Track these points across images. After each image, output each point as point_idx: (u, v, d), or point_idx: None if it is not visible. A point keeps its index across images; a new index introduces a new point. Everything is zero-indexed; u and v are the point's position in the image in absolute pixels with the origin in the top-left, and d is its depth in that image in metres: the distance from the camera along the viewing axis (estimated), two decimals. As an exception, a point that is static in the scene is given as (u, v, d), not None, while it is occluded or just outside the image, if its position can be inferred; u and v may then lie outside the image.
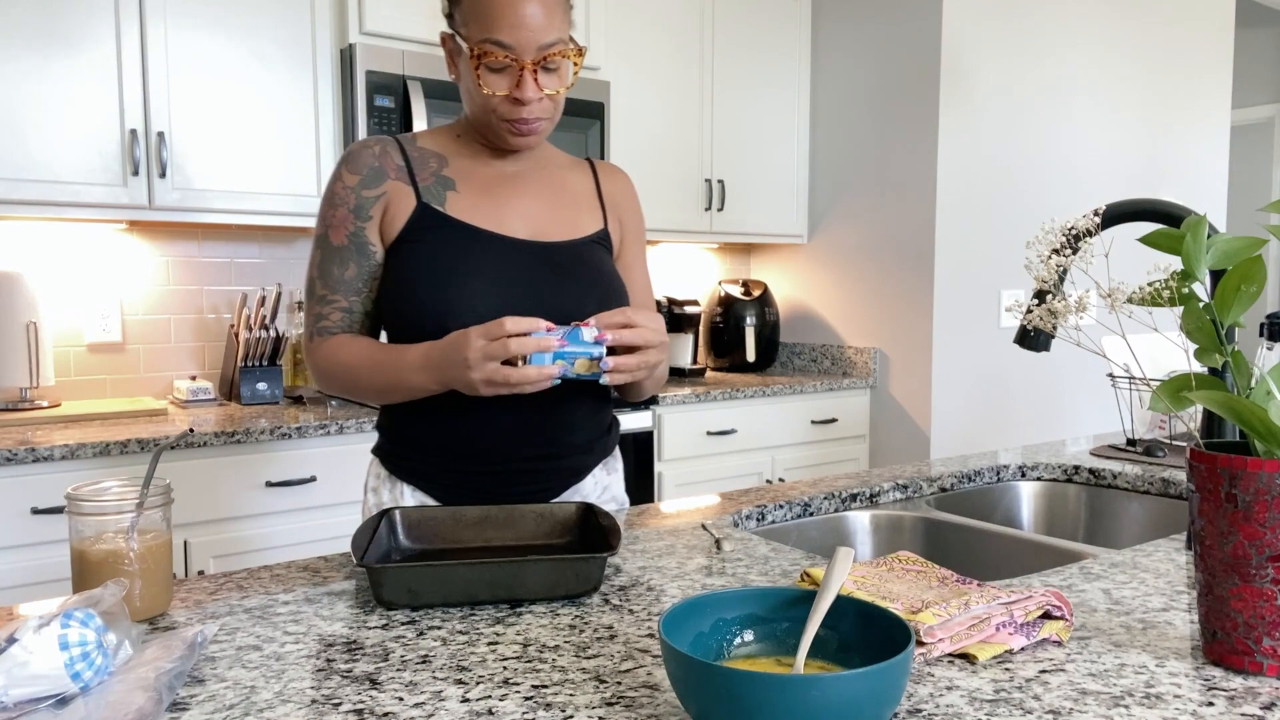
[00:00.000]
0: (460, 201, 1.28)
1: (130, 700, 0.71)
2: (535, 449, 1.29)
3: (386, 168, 1.28)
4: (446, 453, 1.28)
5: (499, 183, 1.31)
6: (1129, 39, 3.78)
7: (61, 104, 2.26)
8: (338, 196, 1.28)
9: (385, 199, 1.27)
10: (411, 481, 1.32)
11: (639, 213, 1.44)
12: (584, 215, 1.35)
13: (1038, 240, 1.11)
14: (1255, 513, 0.76)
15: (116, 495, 0.95)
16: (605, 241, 1.36)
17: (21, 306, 2.36)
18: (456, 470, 1.29)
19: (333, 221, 1.28)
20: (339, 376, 1.27)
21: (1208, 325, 0.82)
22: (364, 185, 1.27)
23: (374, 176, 1.27)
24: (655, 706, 0.74)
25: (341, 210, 1.27)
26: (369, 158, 1.28)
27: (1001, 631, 0.84)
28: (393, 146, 1.29)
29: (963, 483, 1.65)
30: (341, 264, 1.28)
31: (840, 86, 3.55)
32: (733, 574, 1.07)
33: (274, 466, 2.29)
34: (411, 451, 1.31)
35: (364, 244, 1.28)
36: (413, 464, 1.31)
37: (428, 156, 1.30)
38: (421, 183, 1.28)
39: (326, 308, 1.29)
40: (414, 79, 2.61)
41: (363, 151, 1.28)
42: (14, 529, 2.01)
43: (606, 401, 1.39)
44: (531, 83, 1.19)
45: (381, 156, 1.28)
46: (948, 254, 3.29)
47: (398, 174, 1.28)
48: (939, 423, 3.33)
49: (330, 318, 1.29)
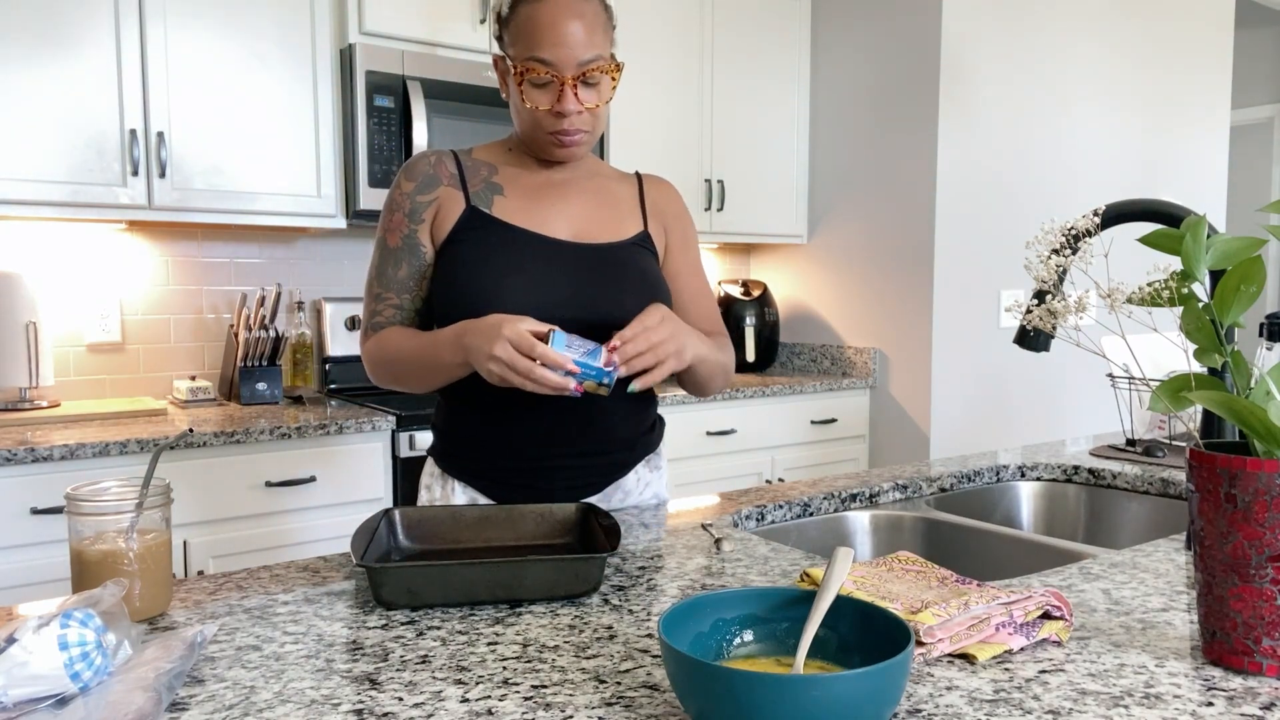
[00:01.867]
0: (506, 205, 1.35)
1: (130, 700, 0.71)
2: (579, 445, 1.34)
3: (440, 175, 1.36)
4: (494, 449, 1.34)
5: (545, 189, 1.38)
6: (1129, 39, 3.78)
7: (61, 104, 2.26)
8: (395, 203, 1.36)
9: (437, 203, 1.35)
10: (462, 479, 1.38)
11: (687, 220, 1.49)
12: (625, 220, 1.41)
13: (1037, 240, 1.11)
14: (1255, 513, 0.76)
15: (116, 495, 0.95)
16: (647, 244, 1.41)
17: (21, 306, 2.36)
18: (504, 466, 1.35)
19: (390, 226, 1.36)
20: (385, 364, 1.33)
21: (1207, 325, 0.82)
22: (418, 191, 1.35)
23: (428, 183, 1.36)
24: (655, 706, 0.74)
25: (398, 215, 1.36)
26: (425, 167, 1.36)
27: (1001, 632, 0.84)
28: (448, 157, 1.38)
29: (962, 483, 1.65)
30: (396, 264, 1.36)
31: (840, 86, 3.55)
32: (732, 574, 1.07)
33: (274, 466, 2.29)
34: (462, 449, 1.38)
35: (415, 245, 1.35)
36: (463, 462, 1.38)
37: (480, 166, 1.38)
38: (472, 189, 1.36)
39: (380, 304, 1.37)
40: (414, 79, 2.61)
41: (419, 162, 1.37)
42: (14, 529, 2.01)
43: (650, 400, 1.45)
44: (571, 97, 1.27)
45: (436, 166, 1.36)
46: (948, 254, 3.29)
47: (450, 181, 1.36)
48: (939, 423, 3.33)
49: (383, 314, 1.37)
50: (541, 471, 1.34)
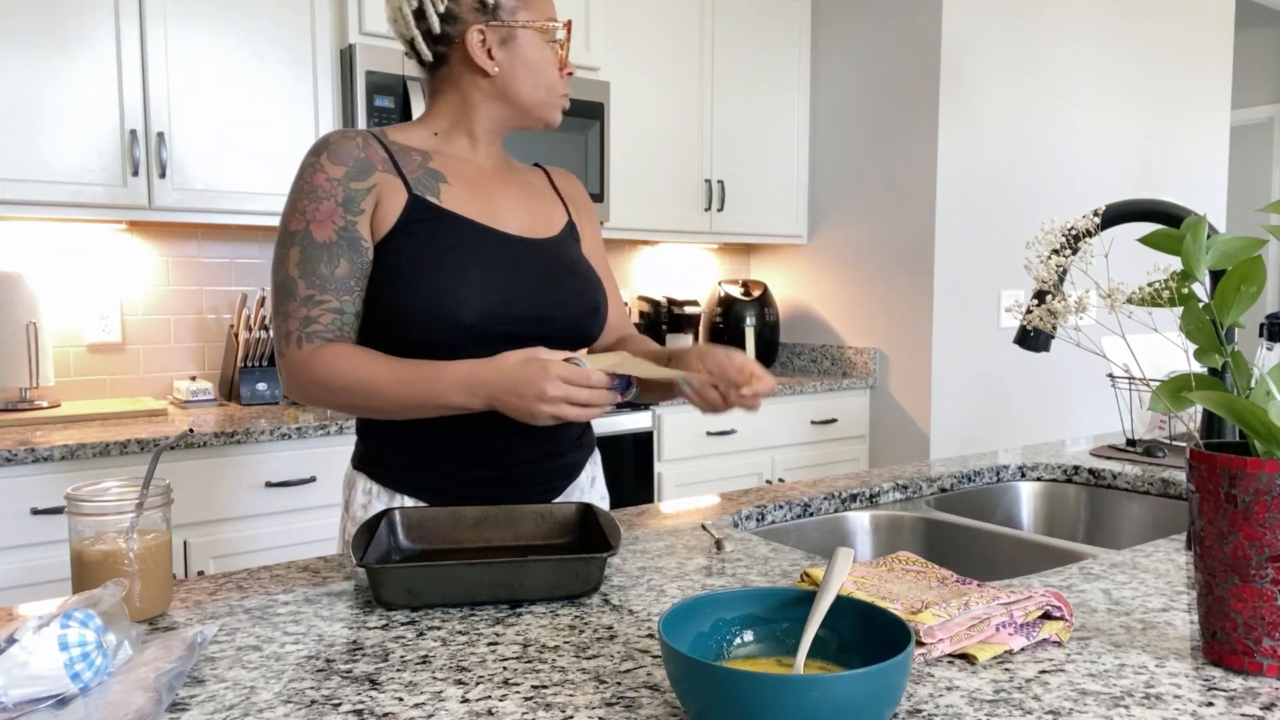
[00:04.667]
0: (453, 194, 1.26)
1: (130, 700, 0.71)
2: (540, 448, 1.29)
3: (372, 159, 1.22)
4: (452, 459, 1.26)
5: (482, 179, 1.30)
6: (1129, 39, 3.78)
7: (61, 104, 2.26)
8: (320, 189, 1.20)
9: (376, 191, 1.21)
10: (411, 493, 1.27)
11: (591, 206, 1.48)
12: (553, 211, 1.38)
13: (1038, 240, 1.11)
14: (1255, 513, 0.76)
15: (116, 496, 0.95)
16: (574, 234, 1.40)
17: (21, 307, 2.36)
18: (464, 476, 1.27)
19: (315, 216, 1.19)
20: (338, 389, 1.18)
21: (1207, 325, 0.82)
22: (351, 177, 1.20)
23: (361, 168, 1.21)
24: (655, 707, 0.74)
25: (327, 204, 1.19)
26: (352, 149, 1.21)
27: (1001, 632, 0.84)
28: (372, 139, 1.24)
29: (962, 483, 1.65)
30: (330, 261, 1.19)
31: (840, 86, 3.55)
32: (733, 574, 1.07)
33: (274, 467, 2.29)
34: (409, 461, 1.27)
35: (356, 239, 1.20)
36: (410, 475, 1.27)
37: (409, 151, 1.27)
38: (410, 175, 1.24)
39: (315, 309, 1.19)
40: (414, 79, 2.61)
41: (344, 142, 1.22)
42: (14, 529, 2.01)
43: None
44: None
45: (365, 148, 1.22)
46: (948, 254, 3.29)
47: (384, 166, 1.23)
48: (939, 423, 3.33)
49: (320, 320, 1.19)
50: (506, 481, 1.28)
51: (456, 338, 1.20)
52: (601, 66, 3.06)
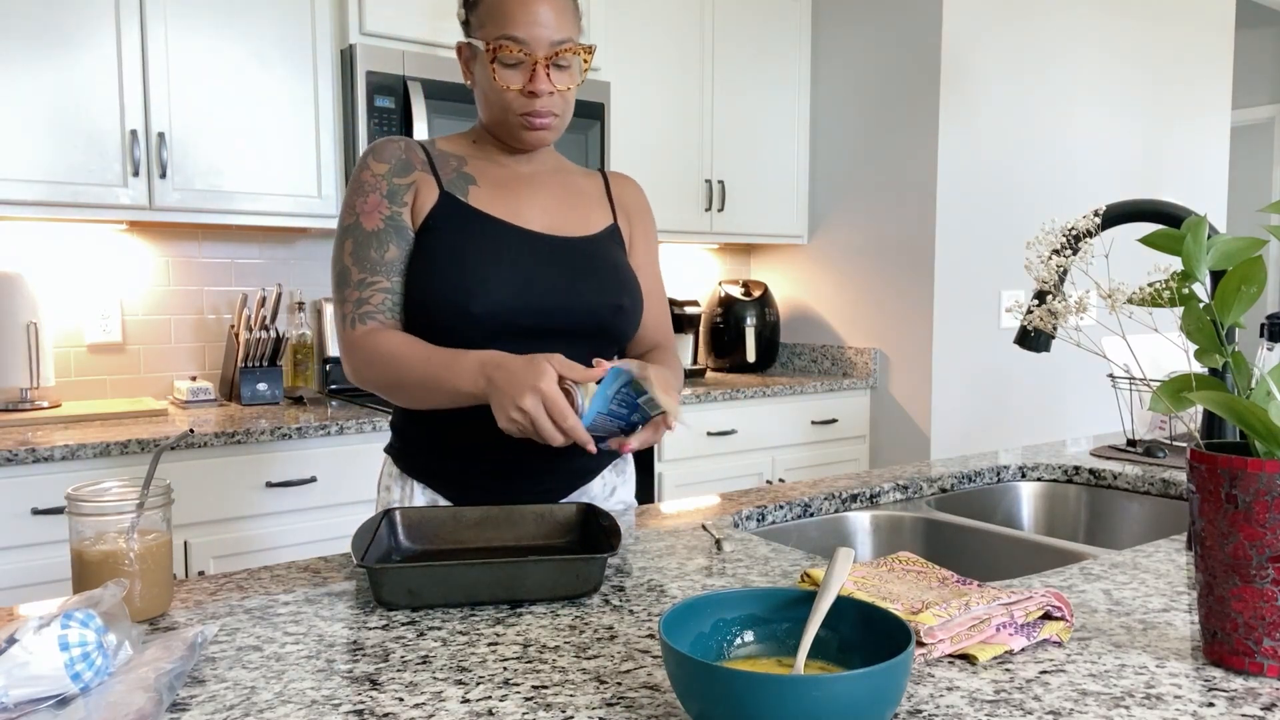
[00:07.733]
0: (480, 194, 1.32)
1: (130, 701, 0.71)
2: (545, 449, 1.29)
3: (413, 160, 1.32)
4: (460, 452, 1.31)
5: (515, 181, 1.36)
6: (1129, 39, 3.78)
7: (62, 104, 2.26)
8: (367, 184, 1.30)
9: (415, 187, 1.30)
10: (423, 480, 1.35)
11: (649, 216, 1.48)
12: (595, 213, 1.40)
13: (1038, 240, 1.11)
14: (1255, 513, 0.76)
15: (116, 496, 0.95)
16: (615, 237, 1.41)
17: (21, 307, 2.36)
18: (469, 469, 1.32)
19: (364, 209, 1.29)
20: (383, 364, 1.23)
21: (1208, 326, 0.82)
22: (394, 174, 1.30)
23: (402, 166, 1.31)
24: (655, 707, 0.74)
25: (374, 196, 1.29)
26: (395, 150, 1.32)
27: (1002, 632, 0.84)
28: (415, 145, 1.34)
29: (963, 483, 1.65)
30: (379, 247, 1.28)
31: (840, 86, 3.55)
32: (733, 574, 1.07)
33: (274, 467, 2.29)
34: (425, 450, 1.34)
35: (402, 227, 1.29)
36: (425, 462, 1.34)
37: (447, 156, 1.35)
38: (444, 176, 1.32)
39: (367, 290, 1.27)
40: (414, 79, 2.61)
41: (388, 144, 1.32)
42: (14, 529, 2.01)
43: None
44: (544, 76, 1.25)
45: (407, 150, 1.32)
46: (948, 254, 3.29)
47: (422, 166, 1.32)
48: (939, 423, 3.33)
49: (372, 300, 1.27)
50: (508, 476, 1.31)
51: (467, 326, 1.25)
52: (602, 67, 3.06)
